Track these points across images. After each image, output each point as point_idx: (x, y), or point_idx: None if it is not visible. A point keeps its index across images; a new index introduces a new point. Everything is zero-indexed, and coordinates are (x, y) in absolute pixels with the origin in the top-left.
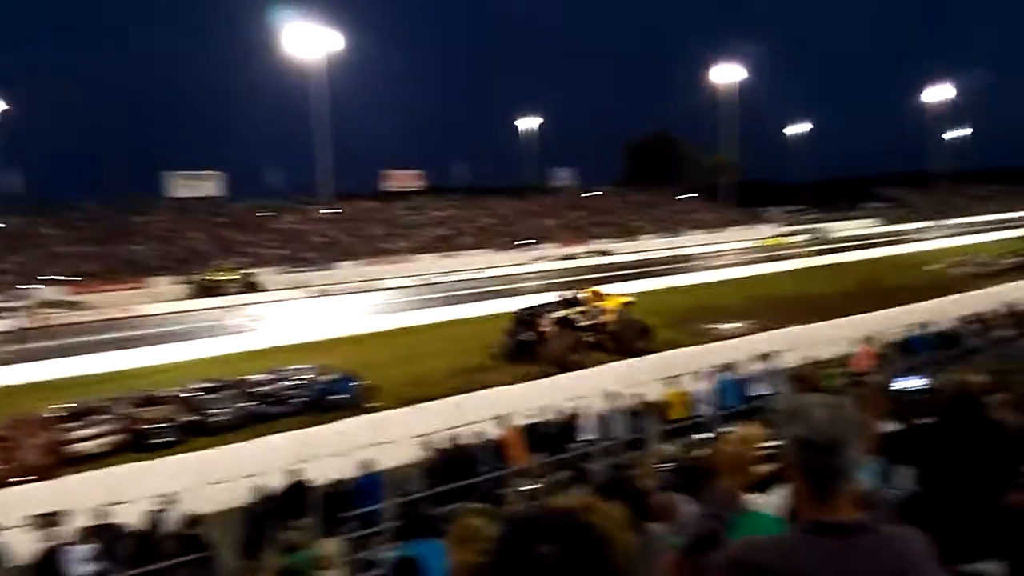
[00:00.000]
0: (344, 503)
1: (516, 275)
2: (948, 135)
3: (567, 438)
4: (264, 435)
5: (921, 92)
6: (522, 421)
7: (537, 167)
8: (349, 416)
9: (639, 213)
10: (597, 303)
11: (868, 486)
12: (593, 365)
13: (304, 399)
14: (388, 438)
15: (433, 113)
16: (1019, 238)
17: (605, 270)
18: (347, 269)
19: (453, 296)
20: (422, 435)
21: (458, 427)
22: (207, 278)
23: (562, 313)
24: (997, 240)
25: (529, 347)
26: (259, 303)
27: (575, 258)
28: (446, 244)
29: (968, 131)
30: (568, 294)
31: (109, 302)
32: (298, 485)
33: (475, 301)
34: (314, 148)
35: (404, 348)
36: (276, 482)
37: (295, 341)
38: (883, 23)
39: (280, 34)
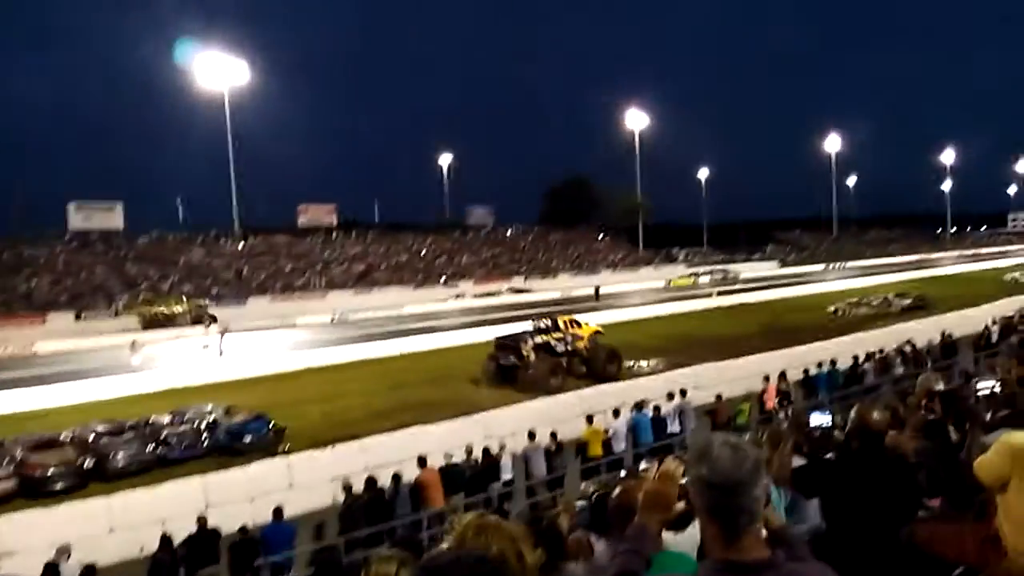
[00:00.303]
0: (254, 551)
1: (433, 312)
2: (840, 181)
3: (488, 478)
4: (169, 480)
5: (815, 141)
6: (441, 462)
7: (454, 205)
8: (260, 459)
9: (556, 253)
10: (572, 330)
11: (780, 521)
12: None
13: (212, 442)
14: (302, 482)
15: (349, 149)
16: (910, 281)
17: (523, 308)
18: (258, 305)
19: (369, 334)
20: (337, 478)
21: (375, 469)
22: (156, 310)
23: (541, 340)
24: (890, 283)
25: (511, 371)
26: (162, 340)
27: (493, 296)
28: (361, 281)
29: (855, 178)
30: (545, 321)
31: (4, 339)
32: (205, 533)
33: (392, 339)
34: (225, 181)
35: (319, 387)
36: (182, 530)
37: (203, 381)
38: (781, 77)
39: (189, 65)
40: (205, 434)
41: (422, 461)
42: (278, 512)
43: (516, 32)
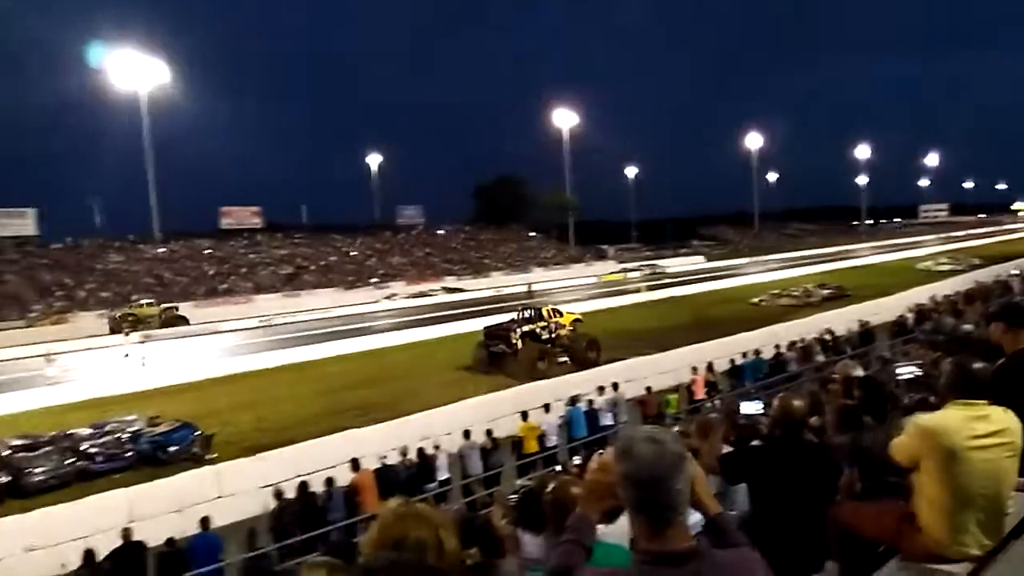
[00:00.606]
0: (181, 563)
1: (365, 314)
2: (763, 177)
3: (423, 479)
4: (91, 494)
5: (737, 138)
6: (374, 465)
7: (384, 205)
8: (188, 469)
9: (488, 251)
10: (555, 319)
11: (717, 509)
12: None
13: (136, 453)
14: (232, 490)
15: (274, 150)
16: (829, 272)
17: (457, 307)
18: (181, 311)
19: (299, 338)
20: (269, 485)
21: (307, 474)
22: (128, 312)
23: (528, 328)
24: (811, 274)
25: (500, 357)
26: (80, 350)
27: (425, 296)
28: (289, 283)
29: (776, 175)
30: (529, 311)
31: None
32: (130, 546)
33: (323, 342)
34: (144, 185)
35: (248, 394)
36: (105, 545)
37: (126, 390)
38: (705, 74)
39: (104, 65)
40: (128, 445)
41: (355, 464)
42: (205, 522)
43: (445, 31)
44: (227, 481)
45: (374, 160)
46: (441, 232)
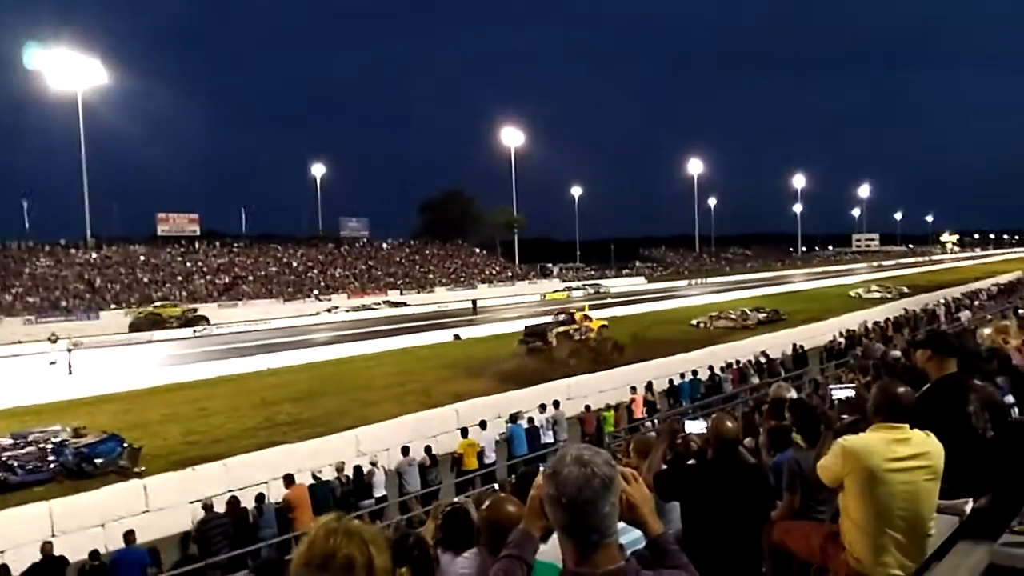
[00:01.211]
0: None
1: (304, 326)
2: (702, 202)
3: (360, 495)
4: (9, 507)
5: (679, 164)
6: (309, 480)
7: (327, 217)
8: (114, 482)
9: (433, 266)
10: (585, 323)
11: (659, 529)
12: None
13: (60, 464)
14: (160, 505)
15: (215, 157)
16: (765, 296)
17: (401, 321)
18: (112, 319)
19: (235, 349)
20: (199, 500)
21: (239, 489)
22: (152, 311)
23: (562, 329)
24: (748, 297)
25: (538, 352)
26: (1, 357)
27: (368, 309)
28: (226, 293)
29: (715, 201)
30: (564, 314)
31: None
32: (51, 561)
33: (259, 354)
34: (77, 187)
35: (179, 405)
36: (22, 560)
37: (50, 400)
38: (650, 102)
39: (39, 65)
40: (51, 456)
41: (289, 479)
42: (129, 536)
43: (395, 45)
44: (155, 495)
45: (318, 170)
46: (385, 246)
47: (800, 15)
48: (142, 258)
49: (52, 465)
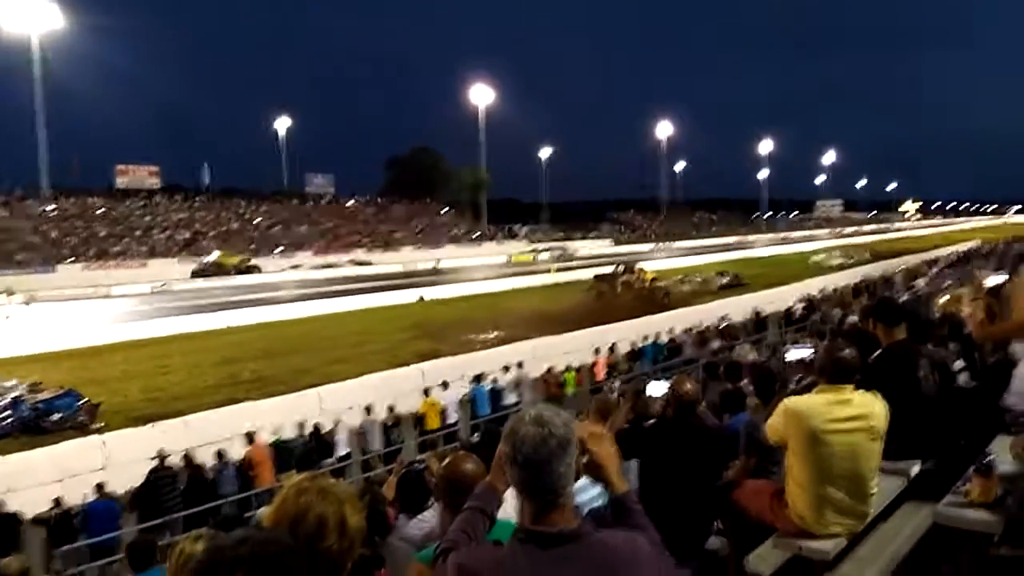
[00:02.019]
0: (70, 529)
1: (267, 284)
2: (670, 166)
3: (321, 454)
4: None
5: (648, 126)
6: (270, 438)
7: (292, 172)
8: (72, 438)
9: (399, 225)
10: (641, 274)
11: (624, 487)
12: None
13: (16, 420)
14: (119, 462)
15: (176, 108)
16: (731, 261)
17: (366, 280)
18: (69, 273)
19: (195, 306)
20: (157, 457)
21: (199, 446)
22: (212, 261)
23: (625, 277)
24: (712, 262)
25: (604, 296)
26: None
27: (332, 267)
28: (187, 249)
29: (683, 164)
30: (624, 266)
31: None
32: (2, 518)
33: (220, 311)
34: (32, 136)
35: (139, 362)
36: None
37: (3, 355)
38: (620, 65)
39: None
40: (7, 412)
41: (250, 437)
42: (100, 487)
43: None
44: (114, 451)
45: (283, 124)
46: (351, 203)
47: None
48: (101, 211)
49: (7, 421)
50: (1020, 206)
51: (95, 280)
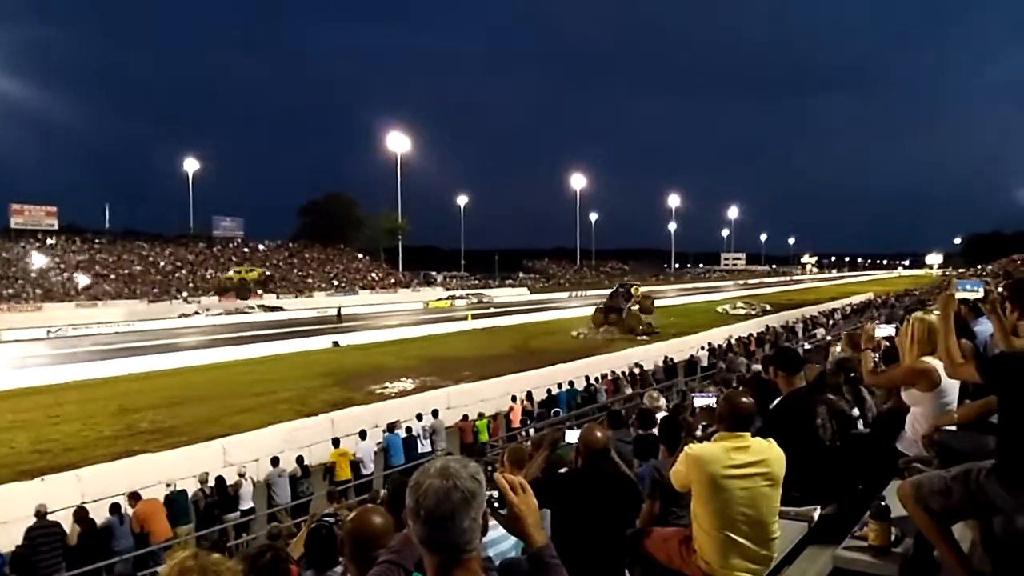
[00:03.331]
0: None
1: (171, 329)
2: (584, 216)
3: (225, 507)
4: None
5: (563, 178)
6: (164, 492)
7: (199, 215)
8: None
9: (312, 270)
10: (638, 293)
11: (543, 541)
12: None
13: None
14: (2, 518)
15: (81, 147)
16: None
17: (275, 326)
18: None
19: (93, 352)
20: (36, 514)
21: (91, 502)
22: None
23: (630, 304)
24: None
25: (611, 322)
26: None
27: (241, 312)
28: (85, 292)
29: (596, 216)
30: (628, 293)
31: None
32: None
33: (120, 358)
34: None
35: (29, 412)
36: None
37: None
38: (534, 117)
39: None
40: None
41: (134, 496)
42: None
43: (278, 40)
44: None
45: (191, 166)
46: (262, 247)
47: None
48: None
49: None
50: (909, 261)
51: None
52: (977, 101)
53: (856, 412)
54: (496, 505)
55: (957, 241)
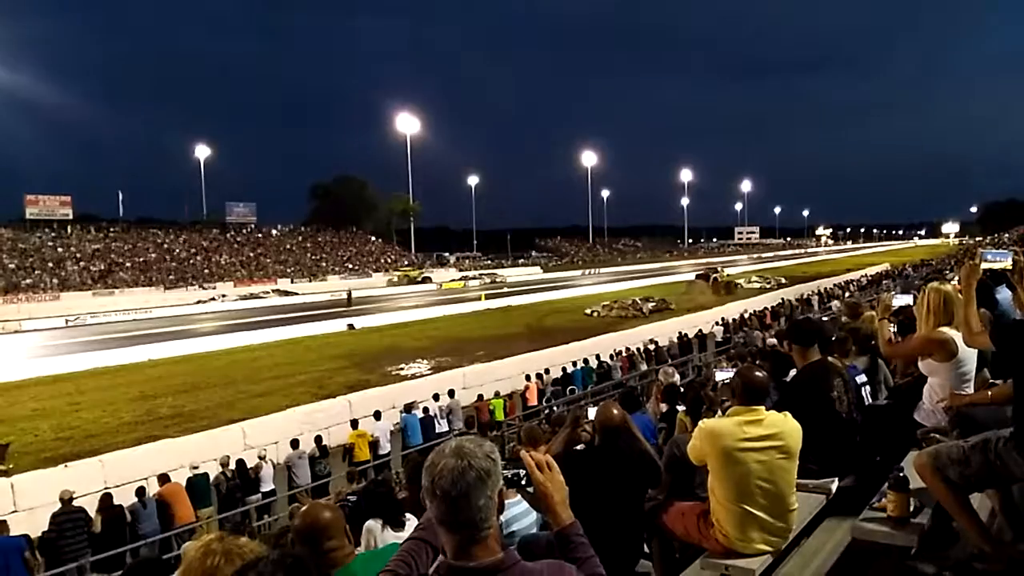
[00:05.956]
0: None
1: (187, 316)
2: (596, 194)
3: (246, 490)
4: None
5: (575, 156)
6: (188, 474)
7: (212, 201)
8: None
9: (325, 254)
10: (723, 273)
11: (567, 520)
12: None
13: None
14: (29, 504)
15: (94, 137)
16: (655, 286)
17: (289, 311)
18: None
19: (111, 340)
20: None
21: (114, 487)
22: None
23: (716, 274)
24: (639, 287)
25: (706, 288)
26: None
27: (256, 298)
28: (101, 280)
29: (608, 193)
30: (713, 266)
31: None
32: None
33: (138, 345)
34: None
35: (51, 399)
36: None
37: None
38: (552, 92)
39: None
40: None
41: (164, 478)
42: (2, 526)
43: (290, 26)
44: (22, 494)
45: (202, 152)
46: (275, 232)
47: (705, 18)
48: (9, 242)
49: None
50: (925, 230)
51: (4, 314)
52: (978, 73)
53: (863, 379)
54: (524, 483)
55: (973, 210)
